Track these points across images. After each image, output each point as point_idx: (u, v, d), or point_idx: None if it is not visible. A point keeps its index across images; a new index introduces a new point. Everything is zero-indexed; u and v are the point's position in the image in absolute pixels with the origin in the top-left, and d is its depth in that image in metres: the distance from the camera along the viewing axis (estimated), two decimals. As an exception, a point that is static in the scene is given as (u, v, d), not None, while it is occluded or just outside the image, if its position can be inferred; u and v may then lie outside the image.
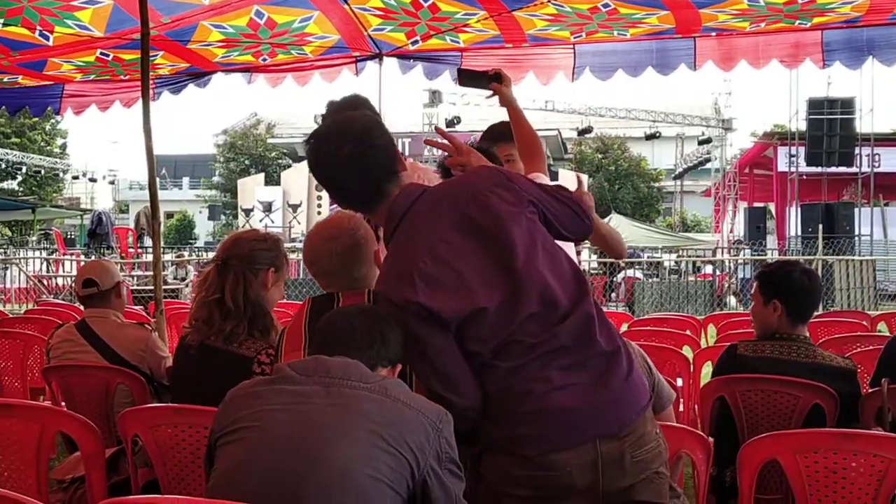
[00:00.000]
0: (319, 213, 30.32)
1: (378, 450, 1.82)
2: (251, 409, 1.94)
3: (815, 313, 3.95)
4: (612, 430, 2.14)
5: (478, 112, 29.94)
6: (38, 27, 5.68)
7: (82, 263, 11.93)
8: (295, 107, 43.66)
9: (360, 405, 1.88)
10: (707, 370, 4.59)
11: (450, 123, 28.75)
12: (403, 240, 2.24)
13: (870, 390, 3.29)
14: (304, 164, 33.87)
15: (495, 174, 2.32)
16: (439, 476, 1.88)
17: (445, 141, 2.75)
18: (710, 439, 2.73)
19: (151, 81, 5.84)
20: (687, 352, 5.02)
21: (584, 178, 3.38)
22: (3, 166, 32.84)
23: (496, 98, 3.42)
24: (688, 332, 5.87)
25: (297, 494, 1.77)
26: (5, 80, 6.86)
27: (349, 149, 2.24)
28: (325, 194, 33.12)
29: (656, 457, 2.21)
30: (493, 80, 3.36)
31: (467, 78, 3.48)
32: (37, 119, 35.29)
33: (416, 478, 1.84)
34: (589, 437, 2.12)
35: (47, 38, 5.90)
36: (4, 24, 5.60)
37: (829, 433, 2.74)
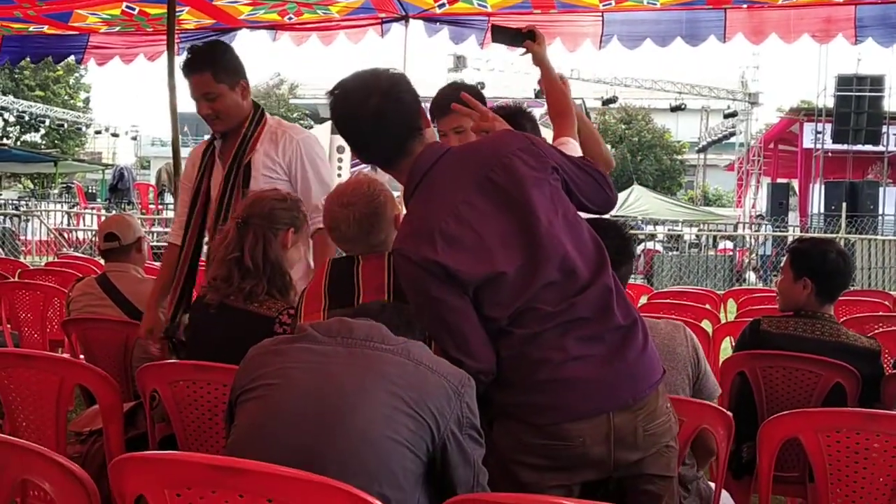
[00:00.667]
0: (339, 174, 30.23)
1: (399, 412, 1.81)
2: (272, 367, 1.93)
3: (839, 293, 3.91)
4: (627, 403, 2.12)
5: (502, 78, 29.81)
6: (65, -22, 5.66)
7: (103, 218, 11.97)
8: (318, 68, 43.54)
9: (383, 367, 1.87)
10: (726, 345, 4.57)
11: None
12: (424, 199, 2.21)
13: (893, 371, 3.26)
14: (327, 125, 33.79)
15: (520, 138, 2.28)
16: (459, 441, 1.87)
17: (471, 107, 2.71)
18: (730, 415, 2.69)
19: (176, 36, 5.80)
20: (706, 326, 4.99)
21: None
22: (27, 119, 32.92)
23: (523, 62, 3.37)
24: (707, 307, 5.83)
25: (317, 453, 1.76)
26: (31, 28, 6.84)
27: (375, 102, 2.20)
28: (345, 156, 33.06)
29: (667, 431, 2.21)
30: (526, 38, 3.31)
31: (501, 34, 3.42)
32: (61, 73, 35.40)
33: (436, 441, 1.83)
34: (604, 409, 2.11)
35: (74, -12, 5.88)
36: (30, -26, 5.59)
37: (853, 413, 2.70)
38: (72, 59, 7.13)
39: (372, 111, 2.20)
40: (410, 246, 2.15)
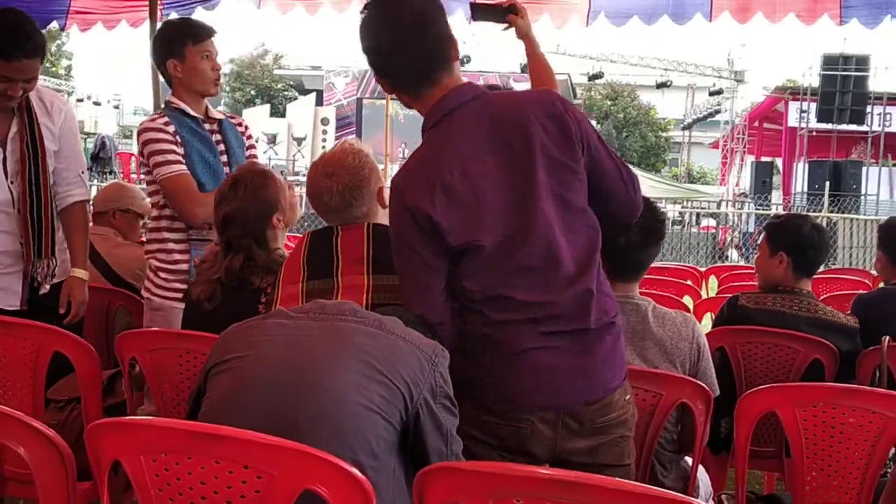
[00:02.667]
0: (324, 147, 30.16)
1: (371, 381, 1.80)
2: (244, 341, 1.93)
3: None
4: (579, 403, 2.12)
5: (488, 52, 29.68)
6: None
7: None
8: (303, 39, 43.25)
9: (354, 337, 1.87)
10: (707, 321, 4.60)
11: (460, 63, 28.45)
12: (438, 140, 2.16)
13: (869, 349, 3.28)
14: (311, 97, 33.84)
15: (552, 102, 2.16)
16: (432, 409, 1.86)
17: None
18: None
19: (159, 2, 5.73)
20: (687, 301, 5.02)
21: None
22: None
23: (508, 34, 3.34)
24: (689, 283, 5.87)
25: (289, 419, 1.75)
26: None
27: (410, 18, 2.13)
28: (330, 128, 33.06)
29: (621, 423, 2.18)
30: (508, 13, 3.28)
31: (481, 12, 3.39)
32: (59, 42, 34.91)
33: (409, 409, 1.83)
34: (558, 407, 2.11)
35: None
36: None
37: (829, 388, 2.73)
38: (55, 25, 7.02)
39: (406, 26, 2.13)
40: (409, 189, 2.12)
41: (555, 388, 2.10)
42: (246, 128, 3.67)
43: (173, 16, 6.65)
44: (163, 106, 3.52)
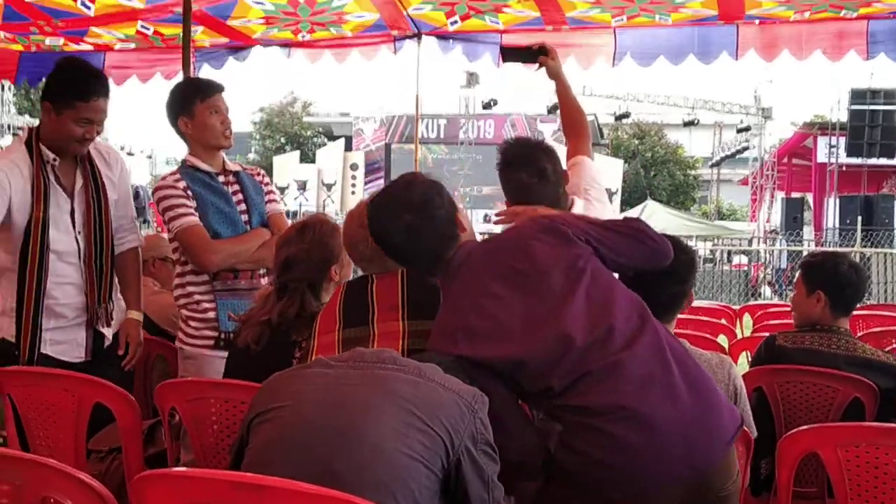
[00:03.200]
0: (353, 192, 30.42)
1: (412, 428, 1.81)
2: (285, 391, 1.95)
3: (855, 306, 3.89)
4: (703, 466, 2.10)
5: (515, 95, 29.86)
6: (81, -5, 5.71)
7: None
8: (332, 86, 43.72)
9: (395, 385, 1.88)
10: (743, 360, 4.55)
11: (486, 105, 28.62)
12: (453, 297, 2.28)
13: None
14: (340, 142, 34.11)
15: (542, 222, 2.34)
16: (473, 456, 1.87)
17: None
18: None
19: (192, 55, 5.85)
20: (723, 341, 4.98)
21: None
22: (43, 138, 33.19)
23: (535, 78, 3.38)
24: (723, 322, 5.81)
25: (333, 470, 1.76)
26: (47, 41, 6.90)
27: (409, 219, 2.27)
28: (359, 173, 33.34)
29: (737, 491, 2.20)
30: (538, 54, 3.32)
31: (511, 54, 3.44)
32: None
33: (450, 457, 1.83)
34: (680, 480, 2.08)
35: (89, 9, 5.92)
36: (47, -8, 5.64)
37: (872, 427, 2.69)
38: (91, 78, 7.17)
39: (405, 229, 2.27)
40: (438, 344, 2.23)
41: (672, 459, 2.08)
42: (263, 176, 3.77)
43: (206, 67, 6.80)
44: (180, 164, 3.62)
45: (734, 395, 2.75)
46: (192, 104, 3.46)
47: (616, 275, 2.42)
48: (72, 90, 3.16)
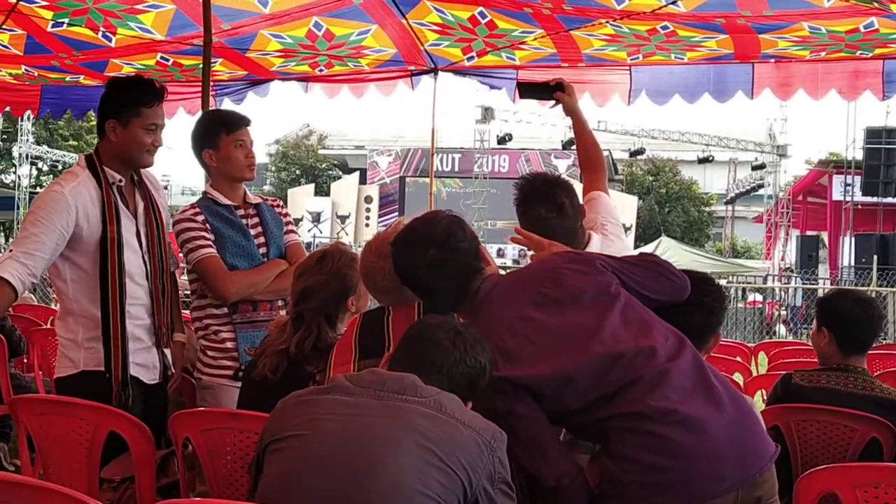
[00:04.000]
0: (367, 224, 30.52)
1: (430, 466, 1.80)
2: (303, 418, 1.94)
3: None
4: (753, 475, 2.15)
5: (529, 129, 29.97)
6: (102, 28, 5.78)
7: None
8: (347, 119, 44.06)
9: (414, 420, 1.87)
10: (758, 398, 4.52)
11: (501, 140, 28.74)
12: (482, 326, 2.27)
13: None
14: (354, 175, 34.30)
15: (569, 254, 2.42)
16: (491, 496, 1.86)
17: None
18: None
19: (212, 88, 5.91)
20: (738, 378, 4.94)
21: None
22: (60, 168, 33.42)
23: (550, 113, 3.42)
24: (738, 359, 5.78)
25: (348, 503, 1.76)
26: (67, 78, 6.98)
27: (433, 254, 2.31)
28: (373, 206, 33.49)
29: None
30: (555, 90, 3.34)
31: (528, 90, 3.46)
32: (94, 123, 35.86)
33: (468, 496, 1.82)
34: (734, 485, 2.12)
35: (110, 40, 6.00)
36: (69, 24, 5.71)
37: (891, 468, 2.66)
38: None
39: (428, 264, 2.31)
40: None
41: (727, 465, 2.12)
42: (283, 207, 3.79)
43: (226, 101, 6.86)
44: (200, 196, 3.64)
45: None
46: (218, 137, 3.48)
47: None
48: (135, 99, 3.21)
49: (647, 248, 20.21)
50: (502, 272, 2.54)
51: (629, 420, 2.13)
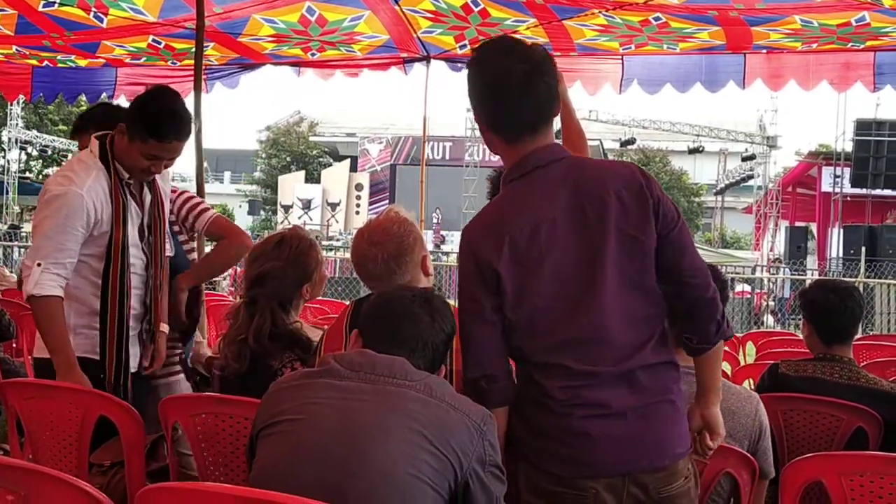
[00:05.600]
0: (358, 212, 30.53)
1: (421, 450, 1.81)
2: (295, 402, 1.95)
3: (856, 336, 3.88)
4: (645, 470, 2.12)
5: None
6: (93, 8, 5.74)
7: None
8: (339, 106, 43.92)
9: (405, 404, 1.88)
10: (745, 387, 4.54)
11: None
12: (516, 196, 2.21)
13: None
14: (345, 163, 34.22)
15: (631, 175, 2.19)
16: (482, 478, 1.87)
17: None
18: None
19: (203, 73, 5.88)
20: (726, 367, 4.96)
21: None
22: (50, 153, 33.24)
23: None
24: (726, 349, 5.80)
25: (340, 490, 1.77)
26: (59, 57, 6.95)
27: (527, 68, 2.16)
28: (364, 193, 33.43)
29: (684, 494, 2.18)
30: None
31: None
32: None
33: (458, 479, 1.84)
34: (620, 472, 2.11)
35: (101, 21, 5.96)
36: (61, 4, 5.68)
37: (877, 457, 2.67)
38: (104, 96, 7.21)
39: (521, 76, 2.16)
40: (480, 239, 2.19)
41: (616, 455, 2.10)
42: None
43: (218, 85, 6.84)
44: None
45: (758, 432, 2.76)
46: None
47: None
48: (151, 127, 3.06)
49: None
50: None
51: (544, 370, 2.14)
